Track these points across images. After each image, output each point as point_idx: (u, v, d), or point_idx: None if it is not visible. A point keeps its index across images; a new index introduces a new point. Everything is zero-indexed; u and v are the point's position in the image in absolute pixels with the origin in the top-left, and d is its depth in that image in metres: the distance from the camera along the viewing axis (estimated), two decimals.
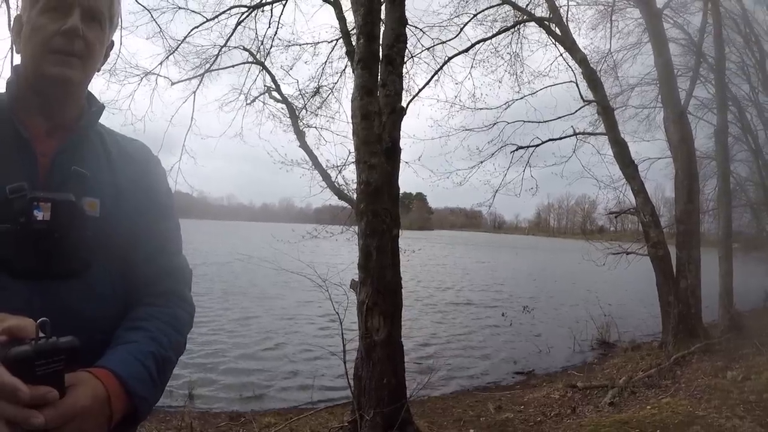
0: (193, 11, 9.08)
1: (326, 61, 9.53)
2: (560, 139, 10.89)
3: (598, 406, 6.71)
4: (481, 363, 10.42)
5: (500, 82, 10.96)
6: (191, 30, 9.02)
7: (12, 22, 1.12)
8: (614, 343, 11.48)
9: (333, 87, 9.59)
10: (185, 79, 9.06)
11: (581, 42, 10.92)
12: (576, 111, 10.96)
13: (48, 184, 1.02)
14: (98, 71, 1.18)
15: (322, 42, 9.98)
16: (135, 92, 9.07)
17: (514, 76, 11.16)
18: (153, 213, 1.20)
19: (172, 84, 9.08)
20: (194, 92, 9.33)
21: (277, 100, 8.09)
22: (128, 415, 0.95)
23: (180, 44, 9.02)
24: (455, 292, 20.83)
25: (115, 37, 1.27)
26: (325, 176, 6.90)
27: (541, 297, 19.46)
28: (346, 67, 9.61)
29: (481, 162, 11.16)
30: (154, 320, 1.12)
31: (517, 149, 11.11)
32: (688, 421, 5.16)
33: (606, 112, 9.94)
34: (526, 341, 11.82)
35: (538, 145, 11.06)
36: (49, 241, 0.98)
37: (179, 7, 8.99)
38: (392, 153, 5.70)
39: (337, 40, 9.54)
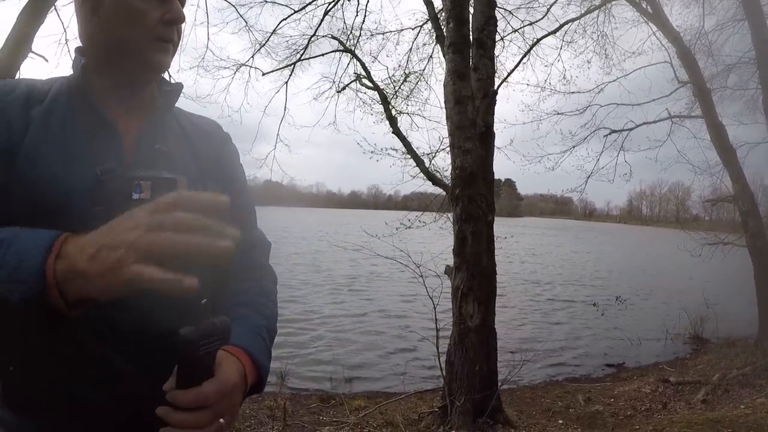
0: (280, 4, 9.26)
1: (411, 48, 9.57)
2: (655, 122, 10.46)
3: (690, 403, 6.52)
4: (571, 353, 10.24)
5: (589, 63, 10.58)
6: (280, 22, 9.21)
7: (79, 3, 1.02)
8: (708, 338, 10.98)
9: (422, 72, 9.61)
10: (276, 70, 9.24)
11: (673, 18, 10.38)
12: (671, 93, 10.54)
13: (134, 163, 0.99)
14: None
15: (406, 29, 9.89)
16: (230, 85, 9.37)
17: (605, 57, 10.75)
18: (233, 188, 1.17)
19: (264, 74, 9.27)
20: (286, 82, 9.50)
21: (368, 87, 8.10)
22: (253, 386, 1.00)
23: (270, 36, 9.23)
24: (546, 281, 20.49)
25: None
26: (419, 162, 6.89)
27: (633, 288, 18.77)
28: (433, 51, 9.62)
29: (574, 146, 10.91)
30: (255, 295, 1.15)
31: (610, 133, 10.81)
32: None
33: (702, 93, 9.46)
34: (617, 333, 11.48)
35: (632, 129, 10.71)
36: None
37: (266, 1, 9.19)
38: (486, 137, 5.64)
39: (421, 26, 9.54)
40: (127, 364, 0.92)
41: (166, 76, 1.16)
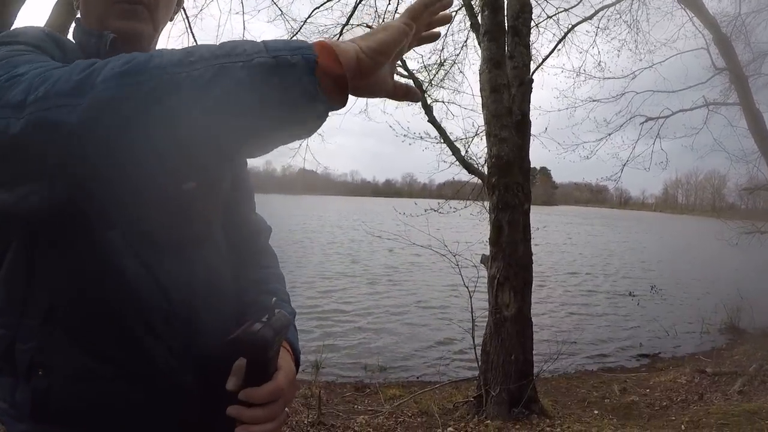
0: None
1: (446, 33, 9.44)
2: (691, 109, 10.37)
3: (726, 394, 6.40)
4: (606, 343, 10.17)
5: (620, 51, 10.46)
6: (313, 10, 9.10)
7: None
8: (744, 328, 10.76)
9: (455, 59, 9.53)
10: None
11: (709, 6, 10.13)
12: (707, 80, 10.42)
13: None
14: (171, 20, 1.06)
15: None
16: None
17: (640, 44, 10.55)
18: (240, 172, 1.15)
19: None
20: None
21: (403, 76, 8.09)
22: None
23: (303, 25, 9.13)
24: (583, 270, 20.34)
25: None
26: (455, 150, 6.86)
27: (668, 277, 18.55)
28: (467, 39, 9.53)
29: (609, 134, 10.82)
30: (275, 283, 1.14)
31: (646, 120, 10.70)
32: None
33: (739, 80, 9.29)
34: (652, 322, 11.33)
35: (668, 117, 10.63)
36: (194, 207, 0.93)
37: None
38: (522, 126, 5.60)
39: (456, 11, 9.43)
40: (173, 359, 0.89)
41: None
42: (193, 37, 8.02)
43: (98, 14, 0.94)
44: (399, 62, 8.07)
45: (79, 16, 0.99)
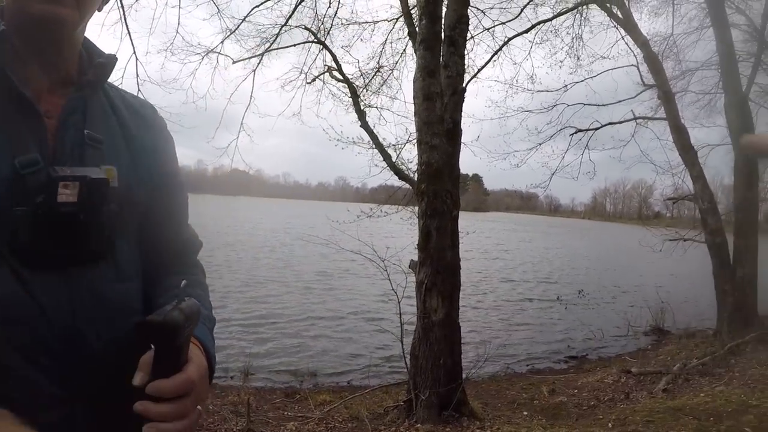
0: None
1: (385, 41, 9.58)
2: (620, 123, 10.74)
3: (651, 393, 6.65)
4: (535, 346, 10.41)
5: (561, 63, 10.79)
6: (252, 9, 9.10)
7: None
8: (668, 329, 11.33)
9: (393, 67, 9.67)
10: (245, 58, 9.15)
11: (642, 26, 10.62)
12: (636, 95, 10.84)
13: (60, 151, 0.86)
14: (99, 10, 0.97)
15: (381, 21, 9.91)
16: (197, 70, 9.22)
17: (574, 59, 11.00)
18: (171, 182, 1.08)
19: (234, 62, 9.17)
20: (254, 71, 9.43)
21: (338, 80, 8.10)
22: None
23: (240, 23, 9.09)
24: (511, 275, 20.75)
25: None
26: (386, 156, 6.91)
27: (596, 282, 19.24)
28: (406, 47, 9.65)
29: (540, 144, 11.12)
30: (198, 288, 1.07)
31: (576, 132, 11.01)
32: (742, 410, 5.04)
33: (667, 96, 9.69)
34: (580, 325, 11.74)
35: (597, 129, 10.94)
36: (75, 225, 0.83)
37: None
38: (453, 134, 5.69)
39: (396, 19, 9.56)
40: (61, 390, 0.82)
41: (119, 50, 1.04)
42: (127, 28, 7.80)
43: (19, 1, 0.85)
44: (335, 66, 8.11)
45: None
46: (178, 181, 1.11)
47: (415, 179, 5.83)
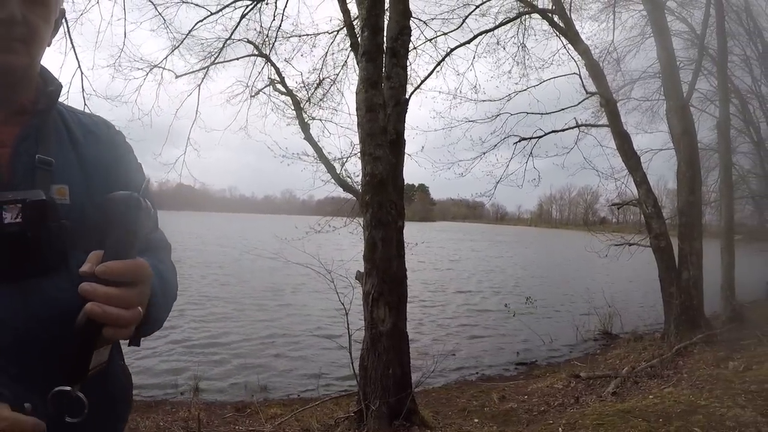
0: (197, 5, 9.08)
1: (327, 53, 9.54)
2: (563, 130, 10.89)
3: (601, 396, 6.74)
4: (484, 354, 10.47)
5: (509, 73, 10.98)
6: (196, 24, 9.05)
7: None
8: (617, 334, 11.54)
9: (335, 79, 9.64)
10: (190, 72, 9.08)
11: (584, 33, 10.92)
12: (579, 103, 11.05)
13: (13, 176, 0.95)
14: (49, 45, 1.08)
15: (323, 33, 9.85)
16: (141, 86, 9.10)
17: (519, 66, 11.17)
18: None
19: (177, 77, 9.10)
20: (199, 85, 9.35)
21: (281, 92, 8.12)
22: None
23: (185, 38, 9.04)
24: (458, 283, 20.89)
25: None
26: (330, 168, 6.93)
27: (543, 288, 19.45)
28: (347, 58, 9.65)
29: (484, 153, 11.20)
30: (156, 254, 1.13)
31: (520, 140, 11.12)
32: (690, 411, 5.14)
33: (608, 104, 9.95)
34: (528, 332, 11.81)
35: (540, 137, 11.06)
36: (23, 242, 0.92)
37: (183, 1, 8.99)
38: (397, 145, 5.74)
39: (338, 31, 9.56)
40: (20, 387, 0.88)
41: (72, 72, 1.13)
42: (71, 42, 7.64)
43: None
44: (278, 79, 8.11)
45: None
46: (138, 190, 1.12)
47: (360, 190, 5.85)
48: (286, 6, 9.73)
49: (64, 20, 1.10)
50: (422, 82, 8.73)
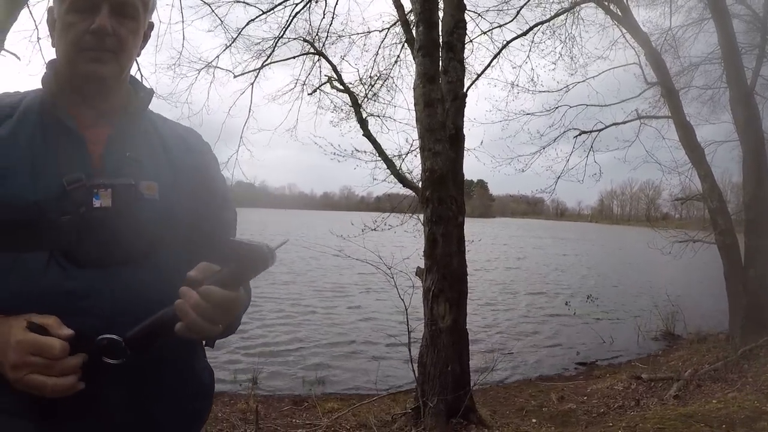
0: (248, 4, 9.18)
1: (378, 50, 9.61)
2: (624, 123, 10.61)
3: (662, 399, 6.57)
4: (543, 352, 10.31)
5: (555, 63, 10.67)
6: (248, 22, 9.12)
7: (46, 14, 1.11)
8: (679, 334, 11.13)
9: (388, 75, 9.64)
10: (247, 72, 9.14)
11: (639, 19, 10.50)
12: (640, 94, 10.75)
13: (103, 172, 1.02)
14: (138, 56, 1.17)
15: (374, 31, 9.88)
16: (192, 85, 9.30)
17: (575, 59, 10.84)
18: (213, 202, 1.20)
19: (235, 77, 9.20)
20: (252, 83, 9.43)
21: (339, 90, 8.10)
22: None
23: (236, 37, 9.13)
24: (519, 281, 20.61)
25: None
26: (389, 164, 6.91)
27: (605, 286, 19.03)
28: (400, 53, 9.64)
29: (543, 147, 10.94)
30: None
31: (580, 134, 10.89)
32: (755, 417, 4.97)
33: (670, 94, 9.60)
34: (589, 331, 11.59)
35: (601, 130, 10.81)
36: (111, 228, 0.99)
37: (236, 0, 9.13)
38: (456, 140, 5.68)
39: (388, 29, 9.62)
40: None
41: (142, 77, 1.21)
42: None
43: (69, 58, 1.04)
44: (335, 76, 8.12)
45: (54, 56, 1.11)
46: (223, 198, 1.26)
47: (420, 186, 5.83)
48: (336, 3, 9.65)
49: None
50: (479, 75, 8.61)
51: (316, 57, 9.17)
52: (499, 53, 9.08)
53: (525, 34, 9.51)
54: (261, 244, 0.92)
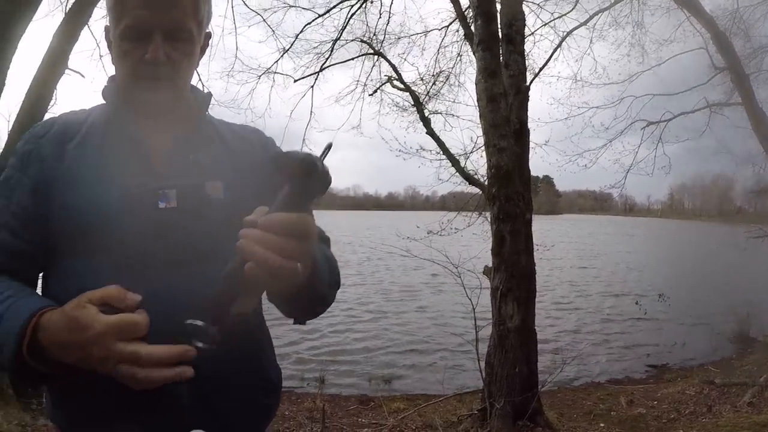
0: (303, 8, 9.25)
1: (439, 48, 9.54)
2: (692, 112, 10.20)
3: (735, 406, 6.26)
4: (612, 354, 10.05)
5: (617, 54, 10.33)
6: (304, 26, 9.17)
7: (104, 31, 1.12)
8: (755, 337, 10.57)
9: (450, 71, 9.54)
10: (306, 76, 9.20)
11: (705, 3, 10.04)
12: (708, 80, 10.22)
13: (168, 175, 1.03)
14: (197, 67, 1.19)
15: (432, 30, 9.82)
16: (253, 91, 9.46)
17: (638, 47, 10.48)
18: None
19: (295, 81, 9.27)
20: (312, 86, 9.48)
21: (400, 89, 8.07)
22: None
23: (293, 43, 9.19)
24: (588, 280, 20.21)
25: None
26: (454, 161, 6.83)
27: (677, 285, 18.02)
28: (461, 49, 9.54)
29: (610, 141, 10.61)
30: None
31: (647, 125, 10.54)
32: None
33: (740, 79, 9.20)
34: (660, 332, 11.26)
35: (669, 120, 10.44)
36: (177, 228, 0.99)
37: (290, 6, 9.23)
38: (521, 135, 5.56)
39: (447, 26, 9.54)
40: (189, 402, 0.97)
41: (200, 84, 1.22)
42: None
43: (126, 85, 1.07)
44: (395, 76, 8.12)
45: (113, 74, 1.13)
46: None
47: (485, 183, 5.73)
48: (392, 3, 9.61)
49: None
50: (542, 67, 8.29)
51: (375, 57, 9.16)
52: (560, 44, 8.83)
53: (586, 23, 9.24)
54: (299, 151, 0.83)
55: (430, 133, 6.95)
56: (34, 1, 4.76)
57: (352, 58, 9.26)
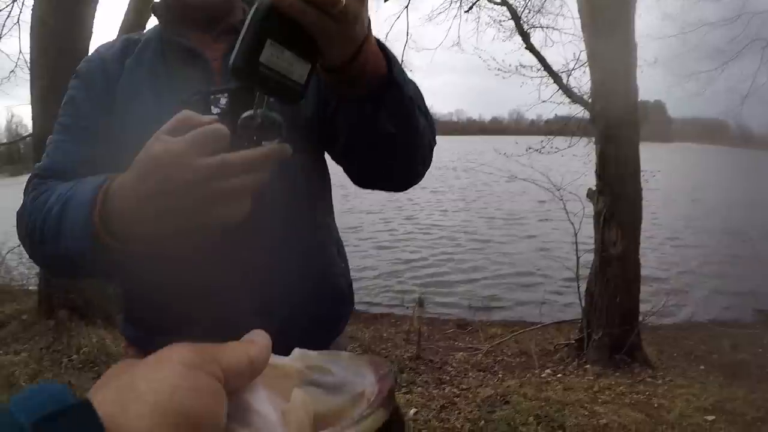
0: None
1: None
2: None
3: None
4: (718, 294, 9.45)
5: None
6: None
7: None
8: None
9: None
10: None
11: None
12: None
13: (223, 82, 1.02)
14: None
15: None
16: None
17: None
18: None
19: (385, 1, 9.18)
20: (406, 7, 9.33)
21: (497, 3, 7.82)
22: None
23: None
24: (699, 214, 19.02)
25: None
26: (556, 78, 6.53)
27: None
28: None
29: (725, 63, 9.89)
30: None
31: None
32: None
33: None
34: None
35: None
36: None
37: None
38: (627, 48, 5.16)
39: None
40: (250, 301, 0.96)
41: None
42: None
43: None
44: None
45: None
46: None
47: (589, 101, 5.45)
48: None
49: None
50: None
51: None
52: None
53: None
54: None
55: (530, 47, 6.65)
56: None
57: None
